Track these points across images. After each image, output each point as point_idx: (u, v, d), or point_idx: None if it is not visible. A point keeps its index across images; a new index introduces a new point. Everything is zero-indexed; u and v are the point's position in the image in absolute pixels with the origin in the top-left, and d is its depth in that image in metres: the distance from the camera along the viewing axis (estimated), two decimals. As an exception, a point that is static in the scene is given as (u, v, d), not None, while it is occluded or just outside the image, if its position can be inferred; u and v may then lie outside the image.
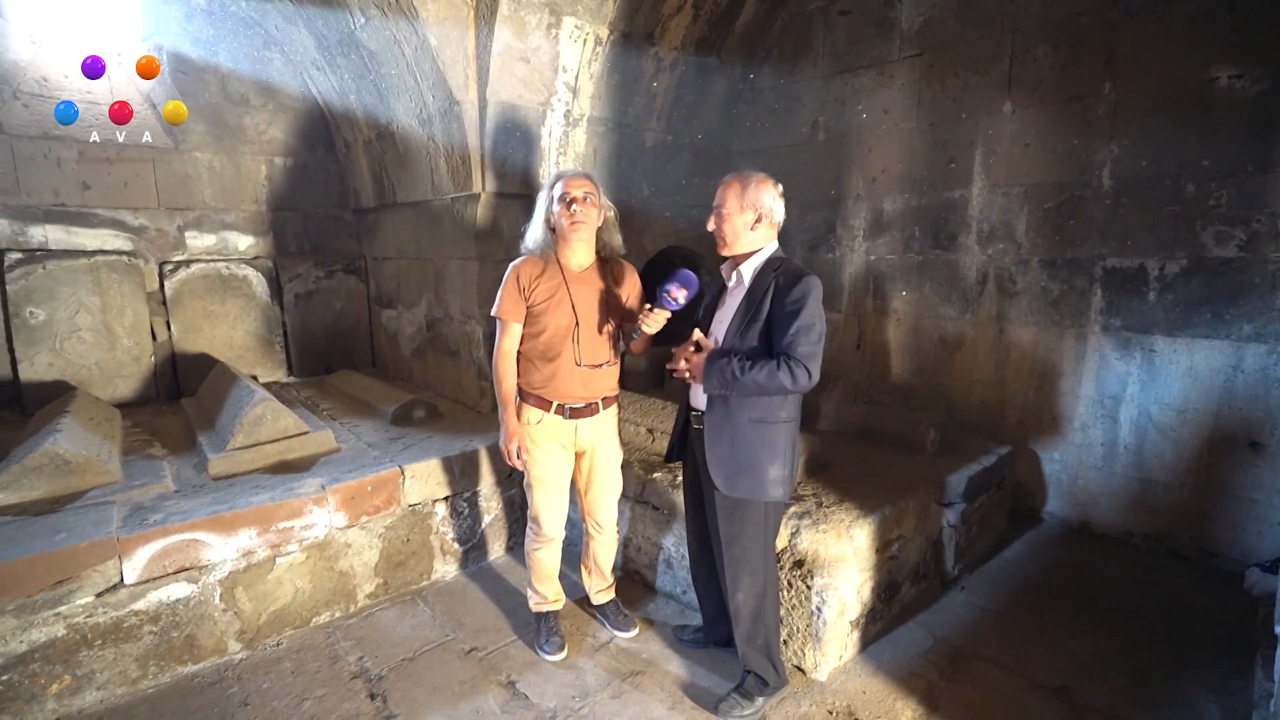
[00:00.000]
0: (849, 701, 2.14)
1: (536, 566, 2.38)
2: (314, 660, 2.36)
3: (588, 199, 2.09)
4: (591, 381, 2.20)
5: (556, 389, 2.16)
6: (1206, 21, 2.74)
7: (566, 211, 2.08)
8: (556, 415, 2.18)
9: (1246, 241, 2.75)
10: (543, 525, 2.31)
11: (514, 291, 2.14)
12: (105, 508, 2.33)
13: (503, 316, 2.17)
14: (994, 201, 3.41)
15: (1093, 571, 2.94)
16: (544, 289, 2.14)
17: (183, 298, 3.98)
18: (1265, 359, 2.76)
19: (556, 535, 2.34)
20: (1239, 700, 2.10)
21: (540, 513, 2.30)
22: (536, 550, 2.35)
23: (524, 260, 2.18)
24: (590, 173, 2.18)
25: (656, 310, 2.00)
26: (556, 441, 2.23)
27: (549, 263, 2.16)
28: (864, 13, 3.79)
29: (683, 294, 1.96)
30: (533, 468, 2.24)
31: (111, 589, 2.13)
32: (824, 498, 2.51)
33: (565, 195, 2.09)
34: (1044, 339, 3.33)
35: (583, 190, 2.09)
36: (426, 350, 4.17)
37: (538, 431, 2.20)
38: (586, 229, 2.11)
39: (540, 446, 2.22)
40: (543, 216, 2.15)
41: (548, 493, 2.28)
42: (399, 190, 4.05)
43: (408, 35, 3.18)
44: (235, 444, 2.76)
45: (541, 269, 2.15)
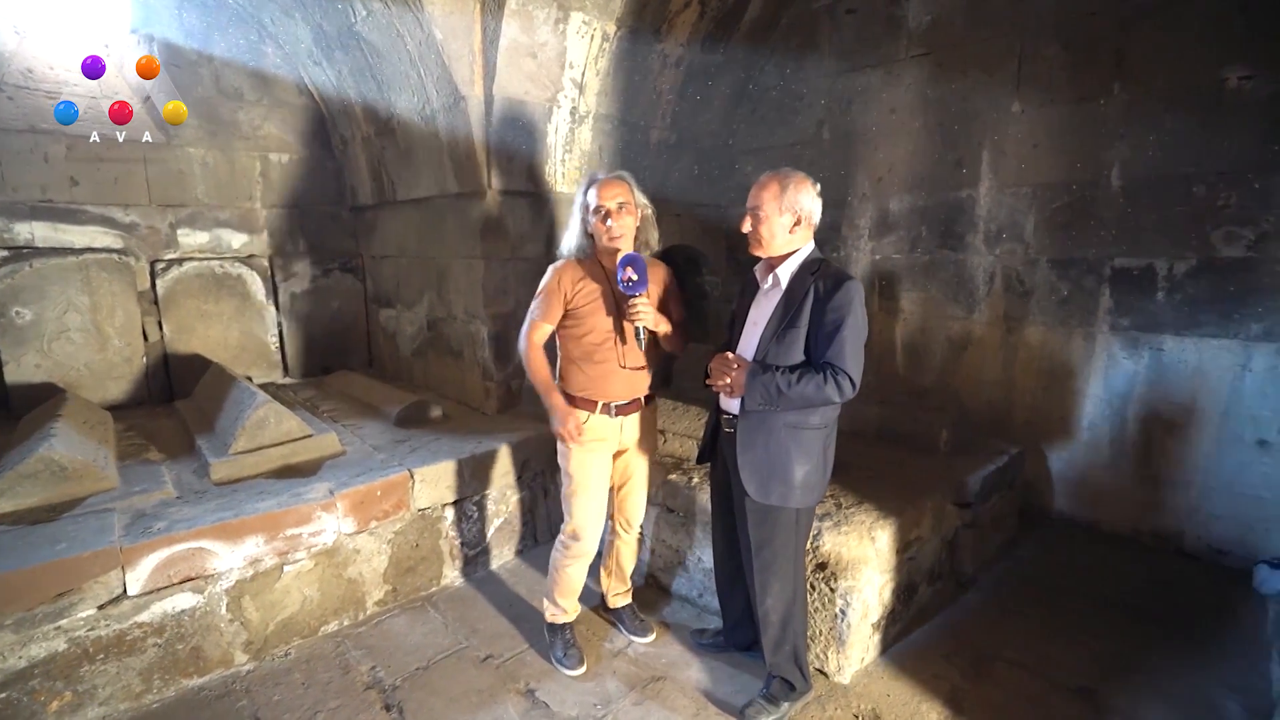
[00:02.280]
0: (874, 705, 2.12)
1: (564, 581, 2.28)
2: (325, 671, 2.29)
3: (623, 209, 2.06)
4: (635, 381, 2.18)
5: (602, 390, 2.13)
6: (1218, 22, 2.75)
7: (603, 226, 2.06)
8: (603, 415, 2.14)
9: (1255, 242, 2.77)
10: (583, 537, 2.21)
11: (555, 294, 2.11)
12: (105, 515, 2.25)
13: (538, 319, 2.15)
14: (1002, 201, 3.42)
15: (1104, 570, 2.95)
16: (587, 292, 2.11)
17: (175, 297, 3.87)
18: (1273, 358, 2.78)
19: (593, 549, 2.26)
20: (1258, 699, 2.11)
21: (582, 523, 2.20)
22: (568, 565, 2.25)
23: (565, 263, 2.16)
24: (624, 174, 2.12)
25: (634, 300, 2.01)
26: (601, 442, 2.18)
27: (590, 265, 2.15)
28: (871, 11, 3.77)
29: (629, 270, 1.96)
30: (575, 472, 2.17)
31: (114, 601, 2.05)
32: (843, 499, 2.48)
33: (600, 207, 2.05)
34: (1052, 339, 3.34)
35: (617, 200, 2.05)
36: (428, 350, 4.09)
37: (585, 434, 2.14)
38: (625, 241, 2.09)
39: (584, 451, 2.16)
40: (579, 224, 2.13)
41: (590, 500, 2.20)
42: (399, 187, 3.97)
43: (411, 28, 3.11)
44: (237, 448, 2.68)
45: (583, 273, 2.13)
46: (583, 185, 2.11)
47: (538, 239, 3.62)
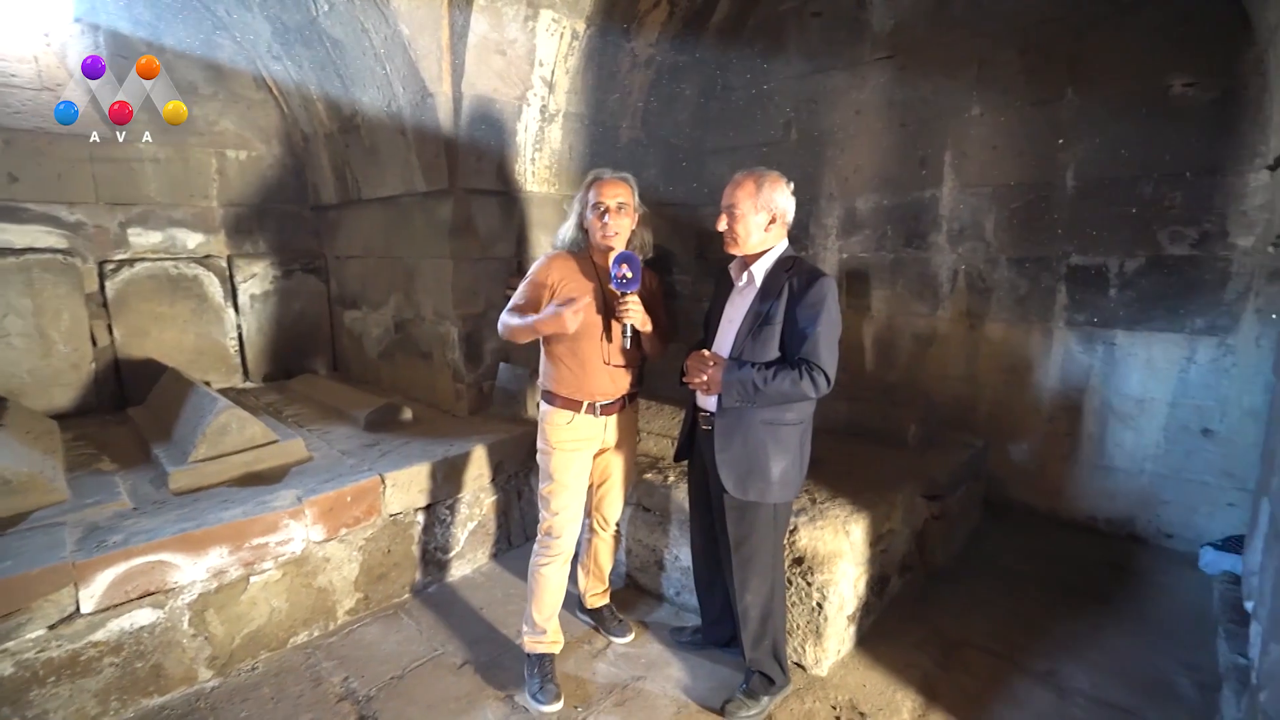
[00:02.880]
0: (851, 695, 2.16)
1: (543, 587, 2.18)
2: (295, 684, 2.22)
3: (621, 209, 2.05)
4: (619, 378, 2.16)
5: (587, 388, 2.11)
6: (1163, 32, 2.88)
7: (600, 223, 2.04)
8: (588, 414, 2.12)
9: (1198, 241, 2.92)
10: (562, 535, 2.17)
11: (543, 283, 2.10)
12: (55, 530, 2.14)
13: (521, 304, 2.13)
14: (964, 201, 3.52)
15: (1063, 557, 3.06)
16: (575, 287, 2.09)
17: (127, 300, 3.70)
18: (1215, 351, 2.94)
19: (571, 548, 2.21)
20: (1208, 674, 2.22)
21: (561, 522, 2.16)
22: (545, 566, 2.17)
23: (558, 255, 2.15)
24: (628, 176, 2.11)
25: (626, 298, 2.00)
26: (585, 442, 2.16)
27: (582, 260, 2.14)
28: (836, 15, 3.84)
29: (625, 268, 1.96)
30: (557, 473, 2.14)
31: (66, 619, 1.95)
32: (817, 494, 2.52)
33: (599, 204, 2.04)
34: (1013, 334, 3.46)
35: (617, 200, 2.04)
36: (395, 352, 4.01)
37: (568, 433, 2.12)
38: (619, 241, 2.08)
39: (566, 450, 2.14)
40: (577, 218, 2.12)
41: (570, 498, 2.17)
42: (365, 186, 3.87)
43: (376, 23, 3.04)
44: (198, 456, 2.57)
45: (575, 266, 2.12)
46: (586, 180, 2.11)
47: (508, 238, 3.58)
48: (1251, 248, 2.79)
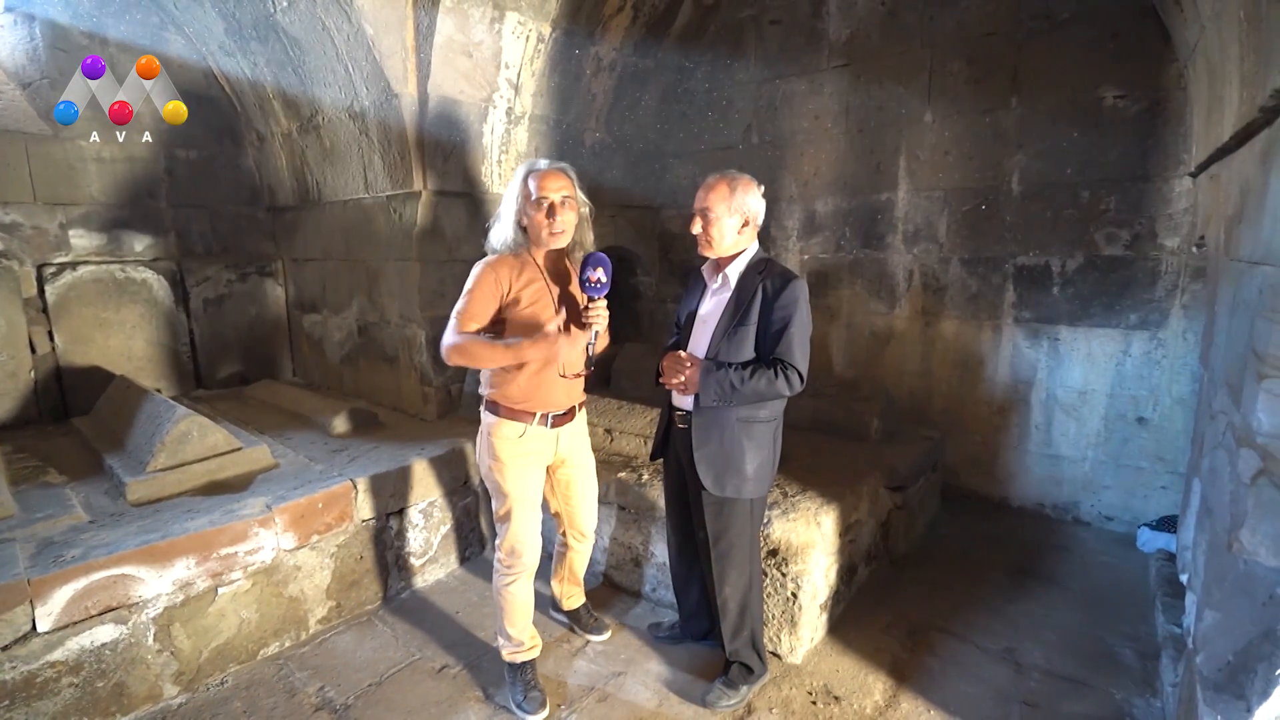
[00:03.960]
0: (825, 681, 2.24)
1: (512, 604, 2.10)
2: (267, 696, 2.17)
3: (566, 203, 1.92)
4: (573, 389, 2.10)
5: (540, 399, 2.00)
6: (1094, 47, 3.08)
7: (546, 221, 1.91)
8: (540, 426, 2.02)
9: (1131, 242, 3.13)
10: (523, 552, 2.07)
11: (490, 293, 1.92)
12: (4, 547, 2.03)
13: (467, 317, 1.91)
14: (918, 204, 3.68)
15: (1015, 542, 3.24)
16: (529, 292, 1.95)
17: (69, 304, 3.52)
18: (1148, 344, 3.15)
19: (535, 562, 2.12)
20: (1147, 644, 2.39)
21: (520, 539, 2.06)
22: (510, 584, 2.08)
23: (498, 259, 1.96)
24: (567, 166, 1.96)
25: (595, 303, 1.90)
26: (536, 455, 2.06)
27: (525, 262, 1.98)
28: (794, 23, 3.96)
29: (600, 272, 1.87)
30: (511, 488, 2.02)
31: (21, 640, 1.86)
32: (787, 488, 2.60)
33: (542, 200, 1.90)
34: (965, 331, 3.63)
35: (561, 194, 1.91)
36: (358, 356, 3.93)
37: (518, 447, 2.01)
38: (566, 238, 1.96)
39: (518, 464, 2.02)
40: (513, 215, 1.95)
41: (528, 514, 2.06)
42: (325, 188, 3.79)
43: (338, 21, 2.98)
44: (157, 465, 2.48)
45: (519, 269, 1.96)
46: (519, 173, 1.94)
47: (474, 241, 3.55)
48: (1178, 248, 3.02)
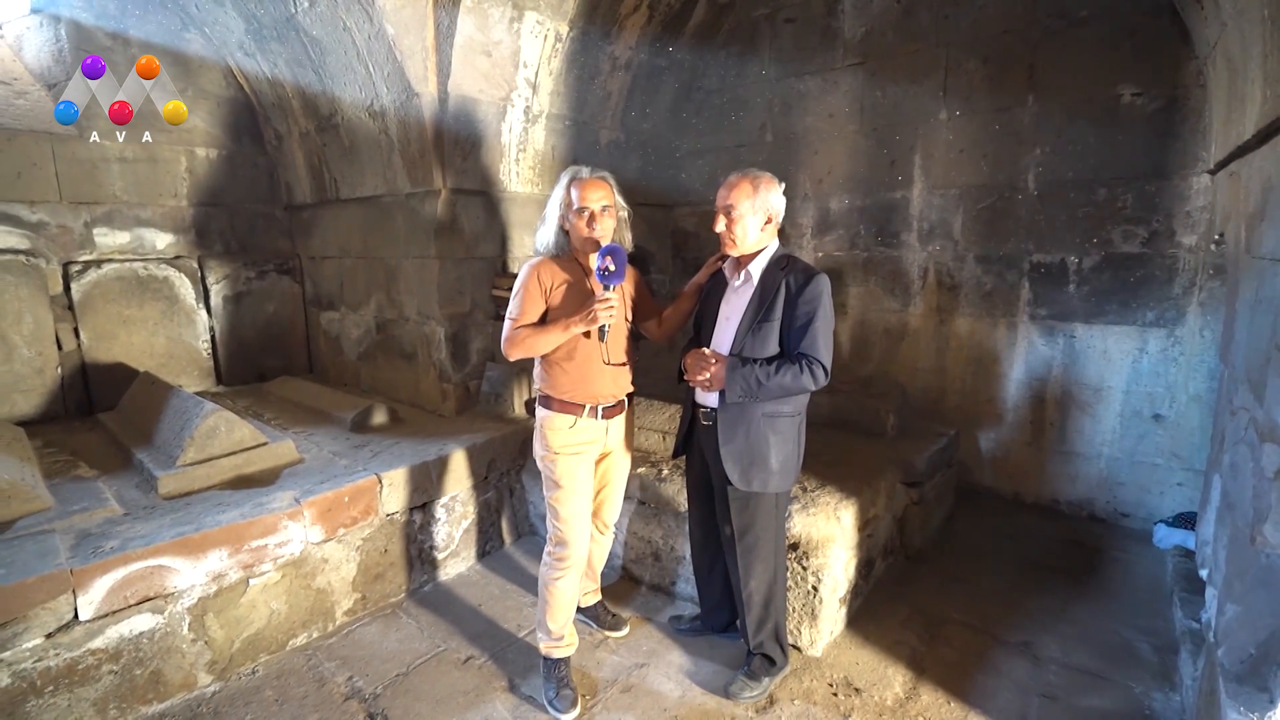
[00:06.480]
0: (845, 673, 2.27)
1: (557, 599, 2.12)
2: (298, 685, 2.22)
3: (605, 211, 2.00)
4: (619, 379, 2.14)
5: (588, 391, 2.07)
6: (1111, 44, 3.09)
7: (585, 228, 2.00)
8: (590, 418, 2.08)
9: (1148, 239, 3.14)
10: (572, 543, 2.11)
11: (536, 294, 2.04)
12: (45, 538, 2.08)
13: (518, 318, 2.04)
14: (932, 202, 3.69)
15: (1030, 537, 3.25)
16: (567, 290, 2.05)
17: (94, 302, 3.57)
18: (1164, 341, 3.16)
19: (583, 557, 2.16)
20: (1165, 639, 2.41)
21: (570, 529, 2.10)
22: (559, 579, 2.11)
23: (541, 261, 2.08)
24: (607, 175, 2.06)
25: (605, 296, 1.92)
26: (587, 446, 2.11)
27: (567, 262, 2.09)
28: (808, 21, 3.97)
29: (609, 260, 1.89)
30: (563, 478, 2.08)
31: (64, 628, 1.91)
32: (808, 483, 2.63)
33: (583, 209, 1.99)
34: (979, 328, 3.64)
35: (601, 203, 1.99)
36: (376, 353, 3.97)
37: (571, 437, 2.07)
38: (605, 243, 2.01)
39: (571, 456, 2.08)
40: (556, 221, 2.06)
41: (579, 504, 2.11)
42: (343, 185, 3.83)
43: (360, 22, 3.02)
44: (186, 459, 2.53)
45: (561, 270, 2.07)
46: (563, 179, 2.04)
47: (492, 239, 3.60)
48: (1195, 245, 3.02)
